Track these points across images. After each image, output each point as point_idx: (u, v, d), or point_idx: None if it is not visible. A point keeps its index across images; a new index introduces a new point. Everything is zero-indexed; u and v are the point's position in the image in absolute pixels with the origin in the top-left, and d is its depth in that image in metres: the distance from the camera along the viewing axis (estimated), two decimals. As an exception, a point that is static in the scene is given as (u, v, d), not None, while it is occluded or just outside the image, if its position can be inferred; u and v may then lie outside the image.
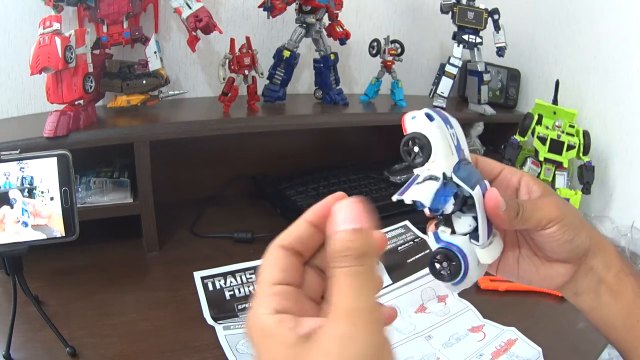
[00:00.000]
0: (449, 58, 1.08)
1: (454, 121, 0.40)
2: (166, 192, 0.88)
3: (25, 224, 0.58)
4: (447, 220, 0.39)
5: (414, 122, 0.38)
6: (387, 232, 0.90)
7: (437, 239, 0.40)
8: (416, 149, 0.38)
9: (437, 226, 0.40)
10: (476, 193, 0.37)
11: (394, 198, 0.37)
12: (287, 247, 0.31)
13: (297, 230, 0.32)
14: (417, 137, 0.37)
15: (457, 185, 0.37)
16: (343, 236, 0.28)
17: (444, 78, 1.10)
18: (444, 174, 0.37)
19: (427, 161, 0.37)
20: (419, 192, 0.36)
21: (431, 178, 0.37)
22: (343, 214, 0.29)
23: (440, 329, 0.69)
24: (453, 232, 0.39)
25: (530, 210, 0.39)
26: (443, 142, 0.38)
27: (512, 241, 0.45)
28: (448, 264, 0.39)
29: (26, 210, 0.58)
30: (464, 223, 0.39)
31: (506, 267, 0.45)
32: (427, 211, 0.37)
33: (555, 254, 0.42)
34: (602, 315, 0.43)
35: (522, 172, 0.44)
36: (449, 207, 0.37)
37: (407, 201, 0.36)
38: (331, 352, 0.25)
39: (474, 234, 0.38)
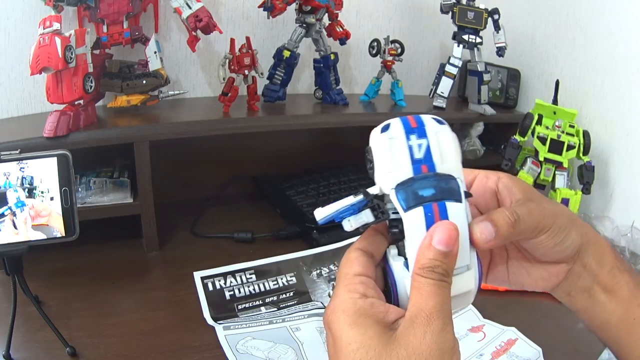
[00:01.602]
0: (449, 58, 1.08)
1: (434, 130, 0.34)
2: (166, 192, 0.88)
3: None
4: (399, 240, 0.35)
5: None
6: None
7: (385, 258, 0.36)
8: (370, 159, 0.35)
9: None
10: (408, 216, 0.33)
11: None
12: (362, 249, 0.36)
13: (369, 235, 0.36)
14: (367, 149, 0.36)
15: (378, 205, 0.34)
16: (435, 254, 0.32)
17: (444, 78, 1.10)
18: (365, 192, 0.34)
19: (373, 176, 0.35)
20: (326, 207, 0.34)
21: (354, 194, 0.35)
22: (440, 235, 0.32)
23: (440, 329, 0.69)
24: (400, 253, 0.35)
25: (526, 216, 0.37)
26: (387, 156, 0.34)
27: (499, 247, 0.43)
28: (384, 289, 0.35)
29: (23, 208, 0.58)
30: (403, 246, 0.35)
31: (495, 273, 0.44)
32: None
33: (545, 257, 0.41)
34: (597, 314, 0.42)
35: (498, 174, 0.41)
36: (346, 225, 0.34)
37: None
38: (428, 340, 0.30)
39: (406, 262, 0.34)
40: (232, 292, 0.76)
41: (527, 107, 1.26)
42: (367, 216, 0.34)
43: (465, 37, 1.07)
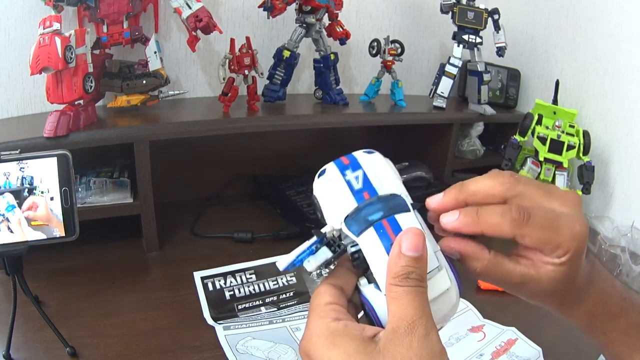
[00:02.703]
0: (449, 58, 1.08)
1: (366, 160, 0.37)
2: (166, 192, 0.88)
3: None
4: (365, 269, 0.36)
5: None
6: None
7: (357, 290, 0.36)
8: (316, 204, 0.38)
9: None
10: (362, 238, 0.34)
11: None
12: (331, 283, 0.35)
13: (337, 272, 0.36)
14: (312, 197, 0.38)
15: (333, 240, 0.35)
16: (407, 261, 0.32)
17: (444, 78, 1.10)
18: (317, 232, 0.36)
19: (324, 218, 0.37)
20: (286, 256, 0.36)
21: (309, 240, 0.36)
22: (407, 241, 0.32)
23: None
24: (370, 281, 0.35)
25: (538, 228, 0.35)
26: (329, 195, 0.37)
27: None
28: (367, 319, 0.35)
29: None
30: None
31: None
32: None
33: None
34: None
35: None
36: (307, 266, 0.35)
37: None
38: (415, 347, 0.30)
39: (376, 285, 0.34)
40: (232, 292, 0.76)
41: (527, 107, 1.26)
42: (324, 253, 0.35)
43: (465, 37, 1.07)
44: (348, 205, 0.36)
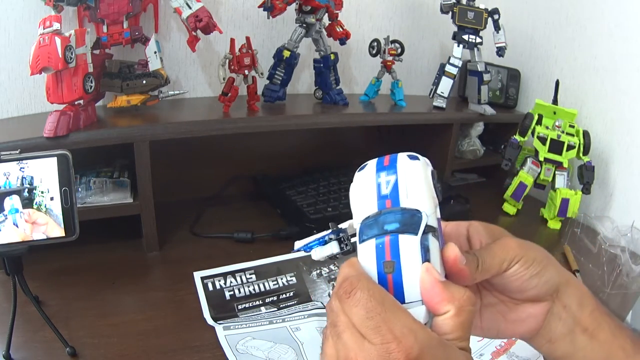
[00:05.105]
0: (449, 58, 1.08)
1: (405, 166, 0.36)
2: (166, 192, 0.88)
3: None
4: None
5: None
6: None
7: None
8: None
9: None
10: (361, 248, 0.34)
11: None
12: None
13: None
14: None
15: (346, 238, 0.37)
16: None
17: (444, 78, 1.10)
18: (335, 225, 0.37)
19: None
20: (305, 239, 0.38)
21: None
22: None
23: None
24: None
25: (489, 258, 0.37)
26: (358, 193, 0.36)
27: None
28: None
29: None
30: None
31: None
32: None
33: (522, 292, 0.40)
34: None
35: (470, 222, 0.42)
36: (313, 254, 0.37)
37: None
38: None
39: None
40: (232, 292, 0.76)
41: (527, 107, 1.26)
42: (332, 247, 0.36)
43: (465, 37, 1.07)
44: (370, 208, 0.35)
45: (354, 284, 0.31)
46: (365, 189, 0.36)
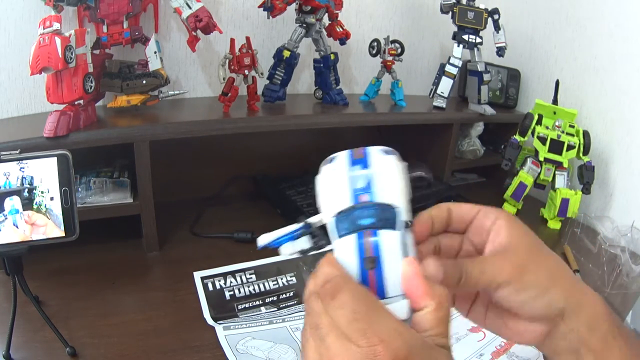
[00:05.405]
0: (449, 58, 1.09)
1: (378, 161, 0.35)
2: (166, 192, 0.88)
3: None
4: None
5: None
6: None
7: None
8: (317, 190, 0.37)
9: None
10: (339, 243, 0.34)
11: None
12: None
13: None
14: (315, 180, 0.37)
15: (316, 233, 0.36)
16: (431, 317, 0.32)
17: (444, 78, 1.10)
18: (305, 220, 0.36)
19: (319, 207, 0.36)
20: (270, 234, 0.37)
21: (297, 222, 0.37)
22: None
23: (440, 329, 0.69)
24: None
25: (477, 273, 0.35)
26: (328, 186, 0.35)
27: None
28: None
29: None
30: None
31: (475, 314, 0.42)
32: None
33: (518, 312, 0.38)
34: None
35: (499, 213, 0.39)
36: (283, 250, 0.37)
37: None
38: None
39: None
40: (232, 292, 0.76)
41: (527, 107, 1.26)
42: (304, 242, 0.36)
43: (465, 37, 1.07)
44: (343, 202, 0.34)
45: (339, 285, 0.31)
46: (336, 183, 0.35)
